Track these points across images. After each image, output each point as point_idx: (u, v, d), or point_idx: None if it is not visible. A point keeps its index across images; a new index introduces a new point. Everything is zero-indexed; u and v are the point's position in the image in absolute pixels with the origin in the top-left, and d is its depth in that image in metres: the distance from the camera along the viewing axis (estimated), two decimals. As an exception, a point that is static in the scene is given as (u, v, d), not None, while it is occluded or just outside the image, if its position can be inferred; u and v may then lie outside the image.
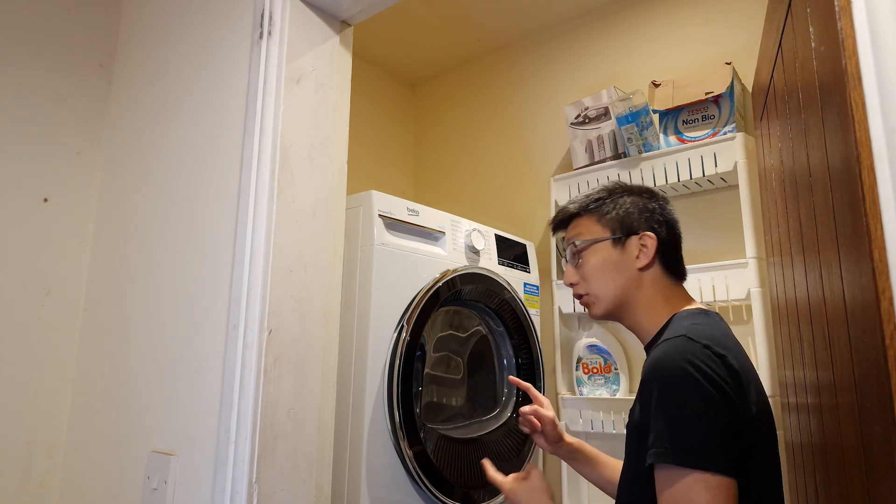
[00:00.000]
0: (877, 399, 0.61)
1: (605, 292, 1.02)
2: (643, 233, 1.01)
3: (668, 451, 0.78)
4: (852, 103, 0.63)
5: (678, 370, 0.81)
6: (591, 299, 1.04)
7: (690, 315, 0.95)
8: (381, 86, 2.64)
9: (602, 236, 1.03)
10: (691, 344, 0.83)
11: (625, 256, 1.01)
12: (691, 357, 0.81)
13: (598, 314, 1.04)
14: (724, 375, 0.80)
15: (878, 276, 0.59)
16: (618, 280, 1.01)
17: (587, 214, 1.06)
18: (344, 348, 1.36)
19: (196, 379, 1.11)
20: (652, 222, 1.03)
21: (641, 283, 1.00)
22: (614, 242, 1.02)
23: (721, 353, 0.83)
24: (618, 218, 1.03)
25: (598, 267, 1.02)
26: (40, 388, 1.34)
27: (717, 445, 0.77)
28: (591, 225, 1.05)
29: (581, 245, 1.04)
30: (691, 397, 0.79)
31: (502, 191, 2.37)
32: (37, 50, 1.42)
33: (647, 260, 1.00)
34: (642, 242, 1.01)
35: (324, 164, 1.17)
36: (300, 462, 1.04)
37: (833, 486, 0.88)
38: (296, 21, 1.16)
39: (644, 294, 1.00)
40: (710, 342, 0.84)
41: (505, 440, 1.68)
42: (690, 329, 0.87)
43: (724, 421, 0.78)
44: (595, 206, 1.06)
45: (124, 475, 1.20)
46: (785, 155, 1.12)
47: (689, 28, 1.95)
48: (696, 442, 0.77)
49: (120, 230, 1.40)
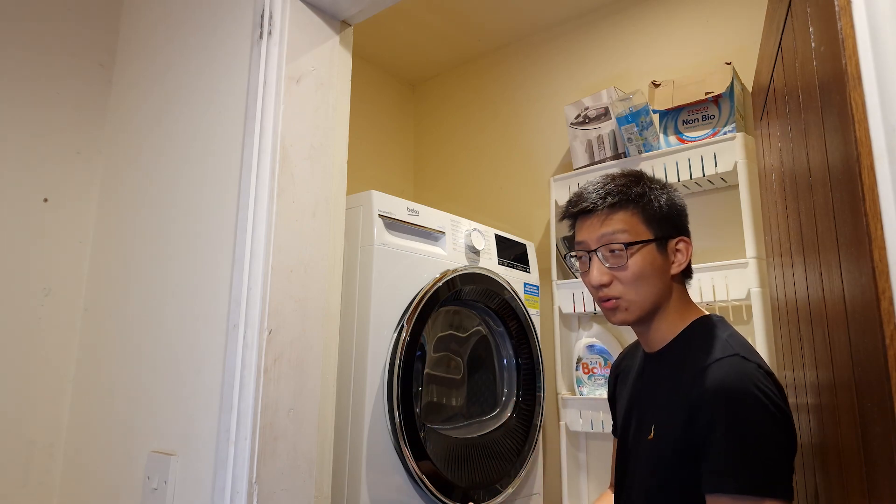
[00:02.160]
0: (877, 399, 0.61)
1: (643, 299, 0.92)
2: (680, 237, 0.95)
3: (742, 479, 0.76)
4: (852, 103, 0.63)
5: (748, 395, 0.78)
6: (624, 304, 0.93)
7: (714, 326, 0.92)
8: (381, 86, 2.64)
9: (648, 237, 0.92)
10: (748, 364, 0.81)
11: (665, 261, 0.93)
12: (757, 381, 0.79)
13: (628, 321, 0.95)
14: (778, 395, 0.79)
15: (878, 276, 0.59)
16: (657, 286, 0.92)
17: (631, 208, 0.94)
18: (344, 348, 1.36)
19: (196, 379, 1.11)
20: (685, 221, 0.97)
21: (671, 289, 0.95)
22: (658, 245, 0.93)
23: (769, 371, 0.82)
24: (662, 216, 0.93)
25: (643, 272, 0.91)
26: (40, 388, 1.34)
27: (784, 471, 0.76)
28: (636, 223, 0.93)
29: (631, 248, 0.92)
30: (764, 423, 0.77)
31: (502, 191, 2.37)
32: (37, 49, 1.42)
33: (681, 267, 0.94)
34: (678, 248, 0.94)
35: (324, 164, 1.17)
36: (300, 462, 1.04)
37: (833, 486, 0.88)
38: (296, 21, 1.16)
39: (670, 301, 0.95)
40: (759, 360, 0.82)
41: (505, 440, 1.68)
42: (736, 345, 0.85)
43: (786, 443, 0.78)
44: (638, 199, 0.94)
45: (124, 475, 1.20)
46: (785, 155, 1.12)
47: (689, 28, 1.95)
48: (768, 470, 0.76)
49: (120, 230, 1.40)
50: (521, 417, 1.74)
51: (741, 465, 0.76)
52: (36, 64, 1.41)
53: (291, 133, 1.12)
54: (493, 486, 1.59)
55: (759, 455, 0.76)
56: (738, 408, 0.78)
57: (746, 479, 0.75)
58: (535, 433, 1.76)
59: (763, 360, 0.85)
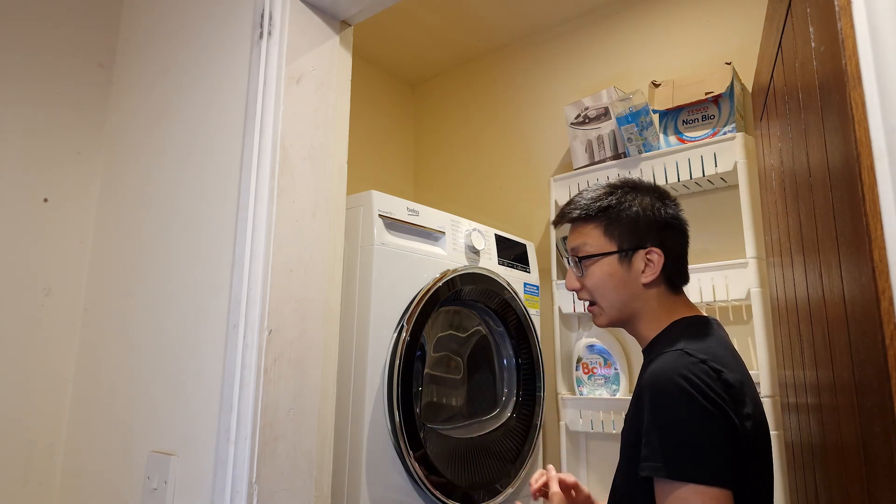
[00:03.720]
0: (877, 399, 0.61)
1: (609, 305, 0.99)
2: (650, 248, 0.97)
3: (661, 465, 0.79)
4: (852, 103, 0.63)
5: (673, 385, 0.81)
6: (597, 309, 1.02)
7: (688, 326, 0.95)
8: (381, 86, 2.64)
9: (607, 249, 0.98)
10: (686, 358, 0.83)
11: (630, 271, 0.97)
12: (686, 372, 0.81)
13: (602, 324, 1.03)
14: (718, 390, 0.81)
15: (878, 276, 0.59)
16: (622, 294, 0.98)
17: (593, 222, 1.00)
18: (344, 348, 1.36)
19: (196, 379, 1.11)
20: (660, 232, 0.98)
21: (647, 296, 0.98)
22: (620, 257, 0.98)
23: (718, 368, 0.83)
24: (625, 230, 0.98)
25: (603, 281, 0.98)
26: (40, 388, 1.34)
27: (712, 458, 0.78)
28: (598, 236, 0.99)
29: (585, 260, 1.00)
30: (685, 412, 0.80)
31: (502, 191, 2.37)
32: (37, 49, 1.42)
33: (652, 276, 0.96)
34: (648, 258, 0.97)
35: (324, 164, 1.17)
36: (300, 462, 1.04)
37: (833, 486, 0.88)
38: (296, 21, 1.16)
39: (649, 306, 0.98)
40: (708, 356, 0.84)
41: (505, 440, 1.68)
42: (687, 342, 0.87)
43: (718, 435, 0.79)
44: (601, 214, 0.99)
45: (124, 475, 1.20)
46: (785, 155, 1.12)
47: (689, 28, 1.95)
48: (689, 455, 0.78)
49: (120, 230, 1.40)
50: (521, 417, 1.74)
51: (659, 449, 0.79)
52: (36, 64, 1.41)
53: (291, 133, 1.12)
54: (493, 486, 1.59)
55: (682, 442, 0.79)
56: (661, 396, 0.82)
57: (664, 463, 0.78)
58: (535, 433, 1.76)
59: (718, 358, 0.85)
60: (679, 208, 1.03)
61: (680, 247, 1.01)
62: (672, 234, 1.00)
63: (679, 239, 1.01)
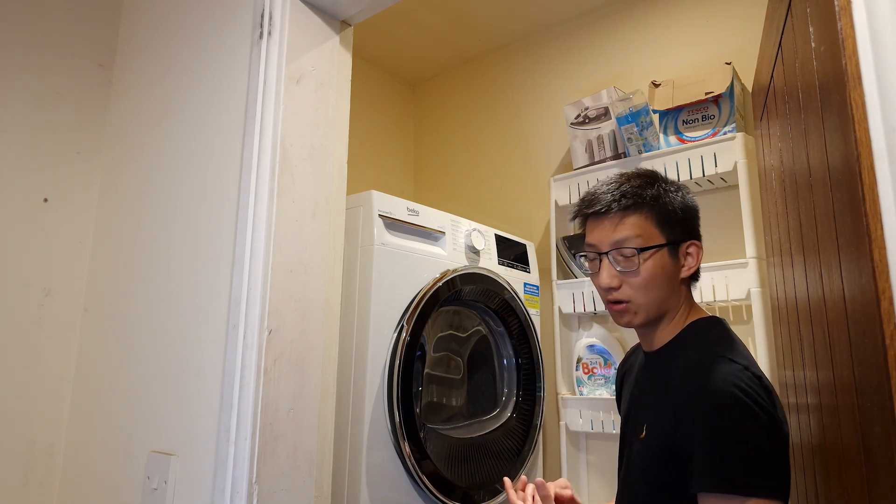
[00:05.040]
0: (877, 399, 0.61)
1: (650, 303, 0.92)
2: (691, 240, 0.94)
3: (723, 479, 0.76)
4: (852, 103, 0.63)
5: (729, 397, 0.78)
6: (633, 308, 0.93)
7: (709, 328, 0.92)
8: (381, 86, 2.64)
9: (660, 241, 0.91)
10: (732, 365, 0.81)
11: (676, 266, 0.92)
12: (738, 381, 0.79)
13: (634, 324, 0.94)
14: (765, 398, 0.79)
15: (878, 276, 0.59)
16: (666, 291, 0.92)
17: (645, 211, 0.92)
18: (344, 348, 1.36)
19: (196, 379, 1.11)
20: (698, 224, 0.95)
21: (679, 293, 0.94)
22: (670, 250, 0.91)
23: (758, 374, 0.82)
24: (676, 220, 0.92)
25: (654, 276, 0.90)
26: (40, 388, 1.34)
27: (770, 470, 0.76)
28: (649, 226, 0.91)
29: (644, 252, 0.90)
30: (744, 424, 0.77)
31: (502, 191, 2.37)
32: (36, 49, 1.42)
33: (691, 271, 0.93)
34: (689, 251, 0.93)
35: (324, 164, 1.17)
36: (300, 462, 1.04)
37: (833, 486, 0.88)
38: (296, 21, 1.16)
39: (677, 303, 0.94)
40: (747, 363, 0.82)
41: (505, 440, 1.68)
42: (723, 346, 0.85)
43: (772, 444, 0.78)
44: (653, 202, 0.92)
45: (124, 475, 1.20)
46: (785, 155, 1.12)
47: (689, 28, 1.95)
48: (752, 469, 0.76)
49: (120, 230, 1.40)
50: (521, 417, 1.74)
51: (722, 464, 0.77)
52: (36, 64, 1.41)
53: (291, 133, 1.12)
54: (493, 486, 1.59)
55: (740, 454, 0.77)
56: (718, 409, 0.79)
57: (728, 478, 0.76)
58: (535, 433, 1.76)
59: (753, 363, 0.84)
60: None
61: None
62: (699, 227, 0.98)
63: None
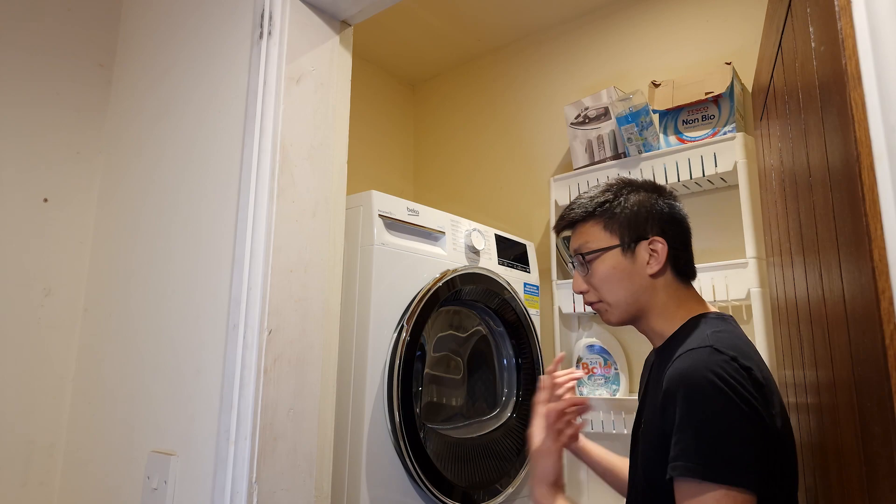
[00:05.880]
0: (877, 399, 0.61)
1: (618, 300, 0.99)
2: (653, 237, 0.98)
3: (696, 465, 0.76)
4: (852, 103, 0.63)
5: (706, 383, 0.79)
6: (604, 307, 1.01)
7: (710, 322, 0.93)
8: (381, 86, 2.64)
9: (610, 244, 0.99)
10: (718, 355, 0.82)
11: (635, 263, 0.98)
12: (718, 369, 0.80)
13: (613, 321, 1.01)
14: (750, 389, 0.79)
15: (878, 276, 0.59)
16: (629, 288, 0.98)
17: (592, 220, 1.01)
18: (344, 348, 1.36)
19: (196, 379, 1.11)
20: (661, 223, 0.99)
21: (655, 288, 0.98)
22: (623, 250, 0.98)
23: (747, 365, 0.82)
24: (625, 222, 0.99)
25: (608, 276, 0.98)
26: (40, 388, 1.34)
27: (746, 460, 0.76)
28: (598, 232, 1.00)
29: (589, 256, 1.00)
30: (721, 411, 0.78)
31: (502, 191, 2.37)
32: (36, 49, 1.42)
33: (658, 266, 0.96)
34: (652, 248, 0.97)
35: (324, 164, 1.17)
36: (300, 462, 1.04)
37: (833, 486, 0.88)
38: (296, 21, 1.16)
39: (658, 299, 0.98)
40: (737, 354, 0.83)
41: (505, 440, 1.68)
42: (715, 339, 0.86)
43: (751, 435, 0.77)
44: (600, 211, 1.01)
45: (124, 475, 1.20)
46: (785, 155, 1.12)
47: (689, 28, 1.95)
48: (725, 457, 0.76)
49: (120, 230, 1.40)
50: (521, 417, 1.74)
51: (697, 451, 0.77)
52: (36, 64, 1.41)
53: (291, 133, 1.12)
54: (493, 486, 1.59)
55: (717, 443, 0.77)
56: (695, 396, 0.79)
57: (701, 465, 0.76)
58: (535, 433, 1.76)
59: (745, 355, 0.84)
60: (677, 201, 1.03)
61: (683, 237, 1.01)
62: (673, 225, 1.00)
63: (680, 229, 1.01)
